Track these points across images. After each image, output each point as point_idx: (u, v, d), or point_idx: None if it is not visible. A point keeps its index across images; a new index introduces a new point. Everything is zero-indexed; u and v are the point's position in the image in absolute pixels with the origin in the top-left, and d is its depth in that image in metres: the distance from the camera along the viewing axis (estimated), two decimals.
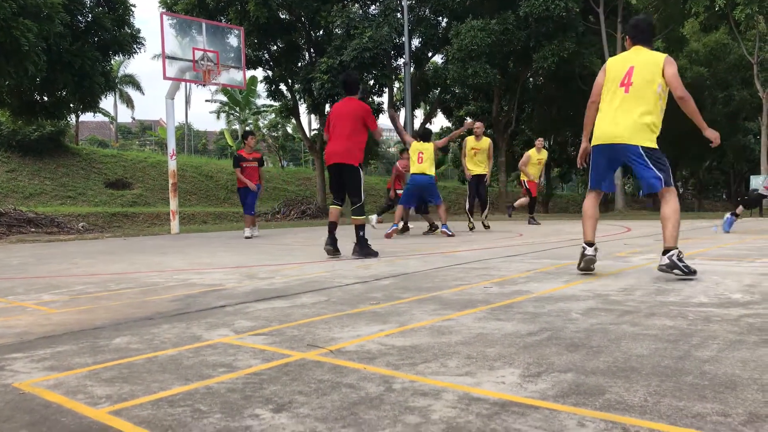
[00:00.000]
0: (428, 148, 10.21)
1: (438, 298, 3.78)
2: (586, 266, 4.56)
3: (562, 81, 24.78)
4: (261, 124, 48.72)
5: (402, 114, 26.58)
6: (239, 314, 3.45)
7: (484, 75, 21.44)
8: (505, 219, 17.08)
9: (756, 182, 18.10)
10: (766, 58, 21.25)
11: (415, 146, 10.24)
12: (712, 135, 4.54)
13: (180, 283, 4.91)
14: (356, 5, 25.95)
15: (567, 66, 21.79)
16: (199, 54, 14.82)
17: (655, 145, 4.42)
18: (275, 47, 26.07)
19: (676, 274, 4.23)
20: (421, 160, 10.10)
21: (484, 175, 11.65)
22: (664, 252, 4.33)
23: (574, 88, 25.31)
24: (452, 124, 35.05)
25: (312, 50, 26.29)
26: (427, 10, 25.50)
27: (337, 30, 24.23)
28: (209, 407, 1.86)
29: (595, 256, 4.58)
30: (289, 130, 48.42)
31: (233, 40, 17.71)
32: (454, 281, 4.51)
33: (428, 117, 30.69)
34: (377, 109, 27.51)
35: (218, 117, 48.37)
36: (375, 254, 6.74)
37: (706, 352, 2.32)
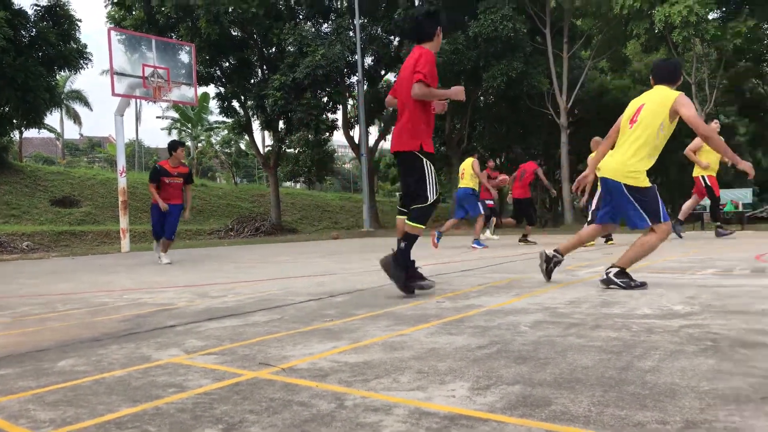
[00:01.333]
0: (467, 164, 11.19)
1: (392, 313, 3.80)
2: (547, 268, 4.97)
3: (511, 100, 25.31)
4: (214, 141, 48.21)
5: (356, 130, 26.71)
6: (190, 334, 3.40)
7: None
8: (458, 234, 17.26)
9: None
10: (703, 79, 22.15)
11: (465, 163, 11.33)
12: (747, 167, 4.63)
13: (130, 303, 4.82)
14: (308, 23, 26.06)
15: (516, 85, 22.28)
16: (149, 70, 14.64)
17: (640, 184, 4.47)
18: (227, 64, 25.92)
19: (617, 287, 4.44)
20: (463, 175, 11.23)
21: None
22: (610, 267, 4.51)
23: (523, 106, 25.88)
24: None
25: (265, 67, 26.23)
26: (379, 29, 25.78)
27: (289, 47, 24.27)
28: (158, 428, 1.84)
29: (553, 263, 4.79)
30: (243, 146, 48.04)
31: (184, 57, 17.55)
32: (408, 297, 4.54)
33: (383, 134, 30.91)
34: (332, 126, 27.61)
35: (170, 133, 47.65)
36: (411, 287, 4.58)
37: (648, 363, 2.41)
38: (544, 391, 2.08)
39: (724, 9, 20.85)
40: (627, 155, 4.50)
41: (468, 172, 11.12)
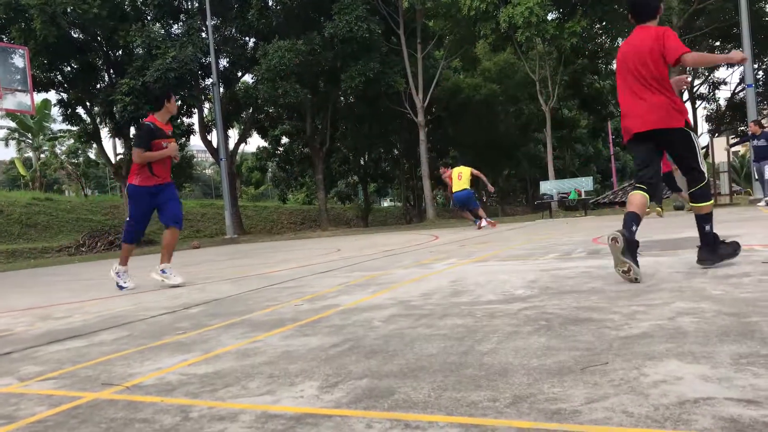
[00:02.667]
0: (466, 170, 13.82)
1: (248, 320, 3.75)
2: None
3: (370, 100, 25.77)
4: (59, 151, 44.85)
5: (214, 134, 25.98)
6: (27, 360, 3.16)
7: (295, 94, 21.68)
8: (325, 236, 17.33)
9: (545, 187, 20.16)
10: (546, 76, 23.77)
11: (456, 169, 13.95)
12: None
13: None
14: (157, 24, 24.97)
15: (374, 85, 22.71)
16: None
17: None
18: (69, 68, 24.22)
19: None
20: (461, 178, 13.72)
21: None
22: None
23: (383, 105, 26.43)
24: (268, 144, 34.88)
25: (111, 71, 24.82)
26: (233, 30, 25.24)
27: (137, 50, 23.13)
28: None
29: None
30: (92, 155, 45.10)
31: (18, 61, 16.18)
32: (266, 302, 4.50)
33: (243, 137, 30.30)
34: (188, 131, 26.64)
35: (7, 144, 43.69)
36: (733, 251, 4.37)
37: (487, 345, 2.56)
38: (389, 382, 2.15)
39: (561, 10, 22.51)
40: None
41: (466, 177, 13.70)
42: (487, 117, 31.84)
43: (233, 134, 39.66)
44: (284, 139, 34.40)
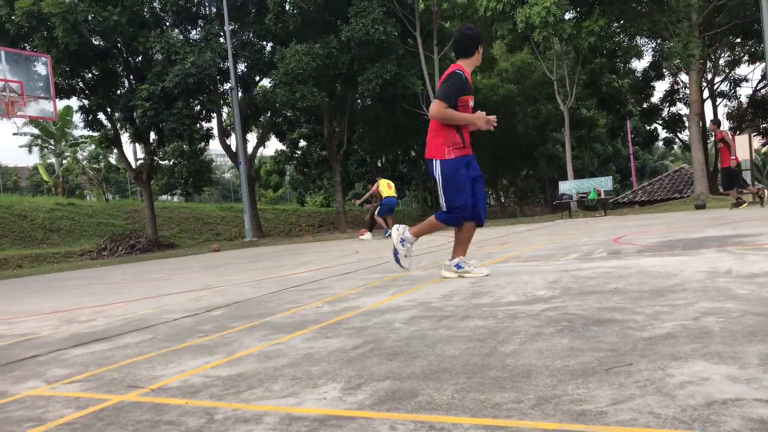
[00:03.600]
0: (391, 182, 16.06)
1: (269, 323, 3.77)
2: None
3: (387, 102, 25.79)
4: (80, 156, 45.41)
5: (232, 138, 26.15)
6: (53, 363, 3.21)
7: (312, 98, 21.75)
8: (343, 238, 17.36)
9: (564, 187, 20.03)
10: (564, 75, 23.63)
11: (384, 180, 15.93)
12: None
13: None
14: (176, 30, 25.22)
15: (391, 87, 22.72)
16: None
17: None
18: (90, 75, 24.54)
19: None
20: (390, 187, 15.71)
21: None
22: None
23: (399, 108, 26.44)
24: (286, 147, 35.06)
25: (131, 77, 25.10)
26: (250, 35, 25.41)
27: (157, 56, 23.37)
28: None
29: None
30: (112, 160, 45.64)
31: (41, 69, 16.45)
32: (288, 304, 4.53)
33: (261, 141, 30.48)
34: (207, 135, 26.87)
35: (30, 151, 44.34)
36: None
37: (510, 347, 2.55)
38: (412, 383, 2.15)
39: (578, 9, 22.35)
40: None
41: (393, 186, 15.82)
42: (505, 117, 31.71)
43: (252, 138, 39.93)
44: (302, 143, 34.55)
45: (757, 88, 27.91)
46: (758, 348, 2.15)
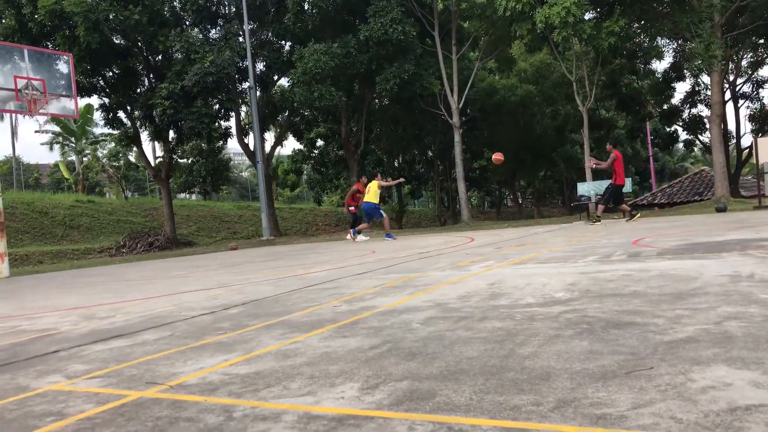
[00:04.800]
0: (373, 185, 14.83)
1: (287, 321, 3.79)
2: None
3: (405, 101, 25.74)
4: (100, 154, 45.87)
5: (250, 137, 26.28)
6: (73, 358, 3.24)
7: (330, 97, 21.78)
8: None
9: (582, 189, 19.87)
10: (583, 76, 23.45)
11: (377, 183, 14.87)
12: None
13: (6, 332, 4.51)
14: (196, 29, 25.38)
15: (408, 87, 22.68)
16: (21, 82, 13.76)
17: None
18: (111, 73, 24.77)
19: None
20: (369, 191, 14.83)
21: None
22: None
23: (417, 107, 26.39)
24: (303, 146, 35.19)
25: (151, 75, 25.30)
26: (269, 34, 25.50)
27: (176, 54, 23.54)
28: None
29: None
30: (132, 158, 46.02)
31: (62, 67, 16.61)
32: (305, 303, 4.54)
33: (279, 140, 30.59)
34: (225, 134, 27.02)
35: (51, 148, 44.83)
36: None
37: (528, 349, 2.54)
38: (430, 384, 2.14)
39: (598, 9, 22.14)
40: None
41: (372, 191, 14.73)
42: (523, 118, 31.53)
43: (269, 137, 40.10)
44: (319, 142, 34.62)
45: None
46: None
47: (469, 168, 34.60)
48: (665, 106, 30.92)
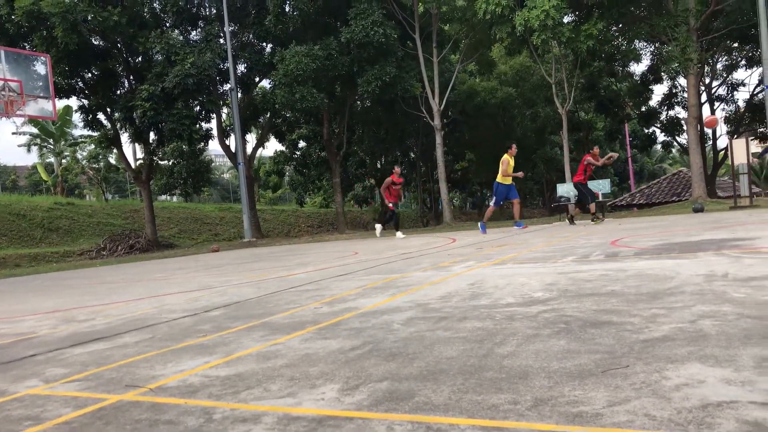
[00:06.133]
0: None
1: (268, 323, 3.78)
2: None
3: (387, 103, 25.78)
4: (80, 156, 45.35)
5: (232, 139, 26.15)
6: (52, 362, 3.22)
7: (312, 99, 21.75)
8: (342, 239, 17.35)
9: (561, 190, 20.03)
10: (562, 78, 23.65)
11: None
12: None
13: None
14: (176, 31, 25.21)
15: (390, 89, 22.72)
16: None
17: None
18: (90, 75, 24.51)
19: None
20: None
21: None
22: None
23: (399, 109, 26.44)
24: (285, 148, 35.07)
25: (131, 77, 25.07)
26: (250, 36, 25.41)
27: (157, 56, 23.37)
28: None
29: None
30: (112, 160, 45.56)
31: (40, 68, 16.44)
32: (286, 305, 4.54)
33: (260, 141, 30.47)
34: (206, 136, 26.88)
35: (29, 150, 44.22)
36: None
37: (507, 348, 2.57)
38: (409, 384, 2.16)
39: (577, 13, 22.35)
40: None
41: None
42: (503, 120, 31.70)
43: (251, 139, 39.91)
44: (301, 143, 34.55)
45: (755, 92, 27.94)
46: (753, 351, 2.16)
47: (451, 169, 34.72)
48: (643, 108, 31.29)
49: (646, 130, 33.68)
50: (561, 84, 23.52)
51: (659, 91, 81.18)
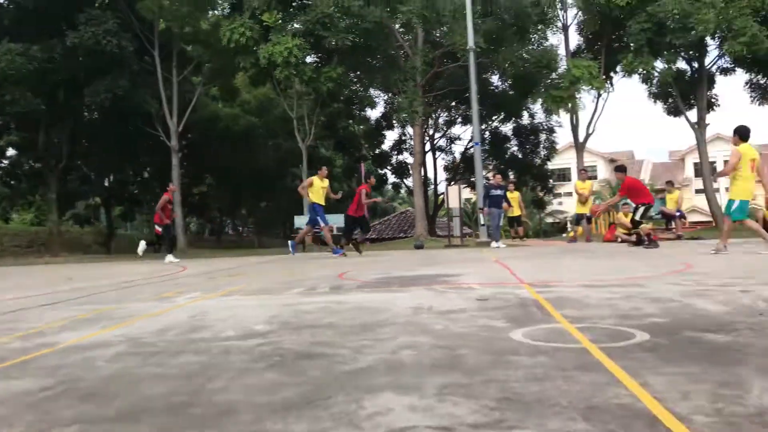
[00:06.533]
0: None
1: None
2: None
3: (120, 117, 24.06)
4: None
5: None
6: None
7: (25, 103, 19.44)
8: (56, 262, 15.64)
9: (299, 222, 20.58)
10: (303, 114, 24.48)
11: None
12: None
13: None
14: None
15: (123, 103, 21.30)
16: None
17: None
18: None
19: None
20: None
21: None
22: None
23: (134, 125, 24.84)
24: None
25: None
26: None
27: None
28: None
29: None
30: None
31: None
32: None
33: None
34: None
35: None
36: None
37: (218, 383, 2.51)
38: (104, 427, 1.99)
39: (319, 55, 23.42)
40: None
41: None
42: (247, 148, 31.67)
43: None
44: (10, 151, 30.45)
45: (467, 146, 31.92)
46: (437, 379, 2.41)
47: (188, 193, 33.50)
48: (377, 151, 33.78)
49: (380, 171, 36.34)
50: (302, 120, 24.29)
51: (391, 136, 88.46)
